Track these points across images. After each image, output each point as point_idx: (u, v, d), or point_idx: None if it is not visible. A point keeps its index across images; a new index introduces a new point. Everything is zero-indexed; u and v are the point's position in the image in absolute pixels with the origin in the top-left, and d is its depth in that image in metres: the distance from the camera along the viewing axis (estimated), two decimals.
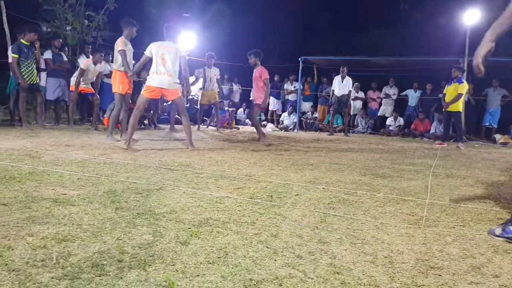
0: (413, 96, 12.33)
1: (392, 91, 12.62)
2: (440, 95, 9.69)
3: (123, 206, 2.62)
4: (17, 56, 7.26)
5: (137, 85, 8.39)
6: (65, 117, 9.35)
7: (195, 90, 12.16)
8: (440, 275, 1.80)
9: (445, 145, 8.83)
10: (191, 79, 11.96)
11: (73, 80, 8.31)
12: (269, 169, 4.41)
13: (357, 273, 1.78)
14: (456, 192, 3.64)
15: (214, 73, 9.79)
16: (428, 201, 3.19)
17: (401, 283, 1.70)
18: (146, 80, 5.84)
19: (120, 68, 6.22)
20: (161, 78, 5.49)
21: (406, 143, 9.37)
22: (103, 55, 8.47)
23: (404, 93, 12.49)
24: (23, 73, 7.34)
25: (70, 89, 8.46)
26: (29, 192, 2.82)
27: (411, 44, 15.42)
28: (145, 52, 5.67)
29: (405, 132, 11.83)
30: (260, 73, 7.60)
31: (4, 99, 9.31)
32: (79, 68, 8.22)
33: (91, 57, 8.46)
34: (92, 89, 8.46)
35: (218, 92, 10.20)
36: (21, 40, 7.42)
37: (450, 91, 8.88)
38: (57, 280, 1.56)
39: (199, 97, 10.73)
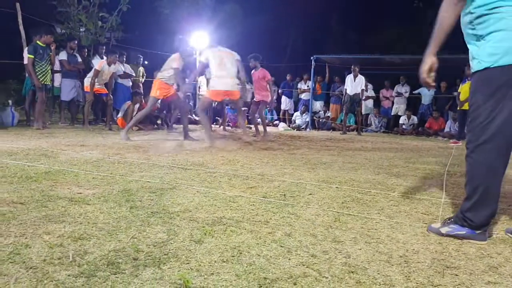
0: (426, 94, 12.19)
1: (403, 89, 12.49)
2: (455, 93, 9.57)
3: (137, 205, 2.64)
4: (32, 56, 7.38)
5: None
6: (80, 118, 9.46)
7: (204, 90, 12.27)
8: (457, 275, 1.78)
9: (460, 143, 8.72)
10: (202, 80, 12.05)
11: (87, 81, 8.39)
12: (282, 168, 4.40)
13: (372, 273, 1.77)
14: None
15: None
16: (443, 200, 3.15)
17: (417, 283, 1.69)
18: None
19: (163, 77, 6.44)
20: (225, 81, 5.87)
21: (420, 142, 9.28)
22: (117, 56, 8.54)
23: (417, 91, 12.36)
24: (37, 74, 7.45)
25: (85, 89, 8.54)
26: (45, 191, 2.87)
27: (424, 42, 15.24)
28: (200, 59, 5.97)
29: (419, 131, 11.71)
30: (263, 75, 8.14)
31: (21, 100, 9.48)
32: (93, 69, 8.31)
33: (105, 58, 8.54)
34: (106, 90, 8.54)
35: None
36: (37, 41, 7.53)
37: (465, 89, 8.76)
38: (73, 278, 1.58)
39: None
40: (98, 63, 8.40)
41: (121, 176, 3.52)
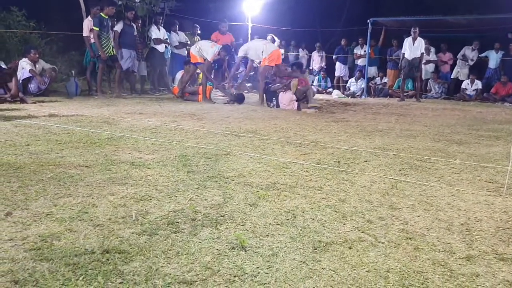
0: (494, 57, 11.31)
1: (472, 54, 11.63)
2: None
3: (194, 170, 2.72)
4: (98, 29, 7.62)
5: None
6: (138, 87, 9.78)
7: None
8: None
9: None
10: None
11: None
12: (336, 135, 4.33)
13: (431, 239, 1.72)
14: None
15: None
16: (510, 168, 2.97)
17: (479, 251, 1.62)
18: None
19: None
20: None
21: (484, 108, 8.72)
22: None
23: (483, 54, 11.48)
24: (103, 45, 7.72)
25: None
26: (108, 156, 3.02)
27: (491, 1, 14.07)
28: None
29: (483, 96, 10.97)
30: None
31: (83, 71, 9.92)
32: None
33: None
34: None
35: None
36: (101, 13, 7.77)
37: None
38: (137, 235, 1.68)
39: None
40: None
41: (178, 143, 3.63)
